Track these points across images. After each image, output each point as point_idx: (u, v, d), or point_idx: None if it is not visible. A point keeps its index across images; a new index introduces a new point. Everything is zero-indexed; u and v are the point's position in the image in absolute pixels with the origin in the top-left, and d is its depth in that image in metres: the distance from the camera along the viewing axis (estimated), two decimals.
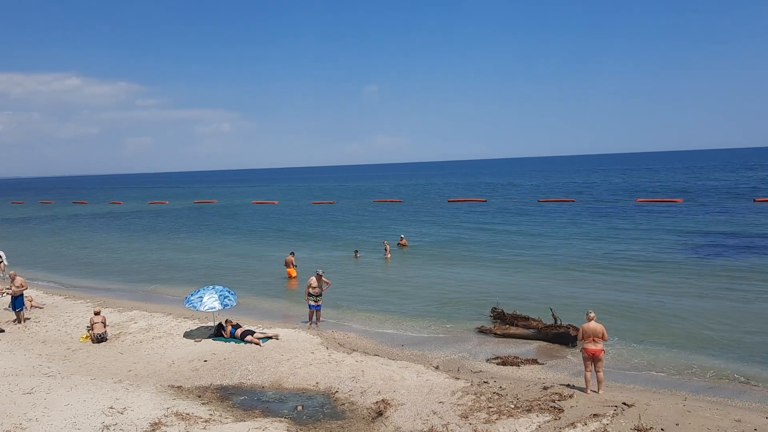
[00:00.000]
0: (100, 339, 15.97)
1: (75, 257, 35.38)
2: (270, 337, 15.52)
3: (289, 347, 14.79)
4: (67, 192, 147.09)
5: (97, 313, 16.33)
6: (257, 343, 15.04)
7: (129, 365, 14.04)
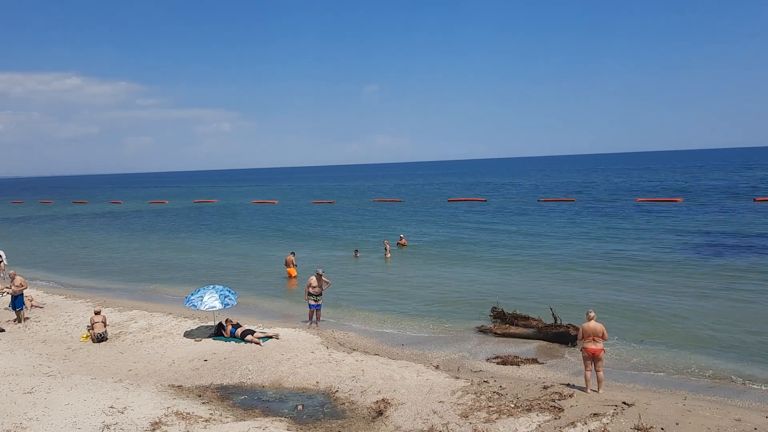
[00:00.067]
0: (100, 338, 15.98)
1: (75, 257, 35.41)
2: (270, 337, 15.53)
3: (290, 347, 14.79)
4: (67, 192, 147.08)
5: (98, 313, 16.34)
6: (257, 343, 15.05)
7: (129, 365, 14.05)
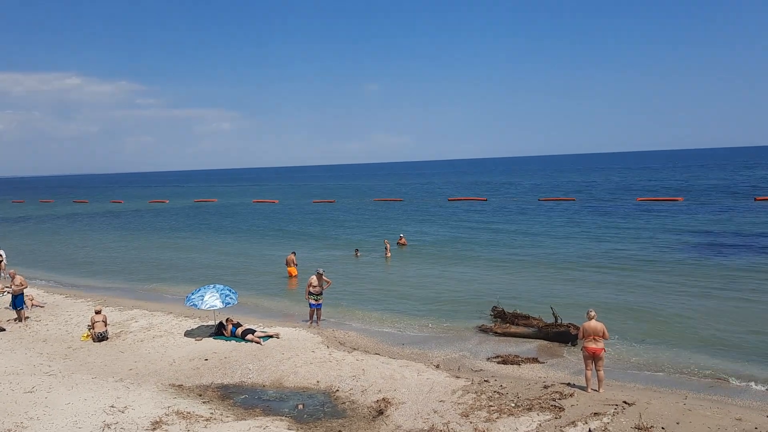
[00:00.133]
0: (100, 338, 15.99)
1: (75, 256, 35.41)
2: (271, 336, 15.53)
3: (290, 346, 14.80)
4: (68, 191, 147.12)
5: (98, 312, 16.34)
6: (258, 342, 15.06)
7: (130, 364, 14.06)
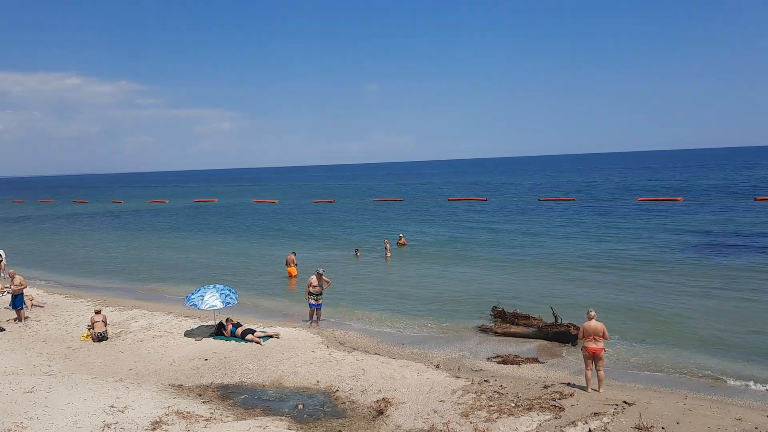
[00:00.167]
0: (100, 338, 15.98)
1: (75, 256, 35.40)
2: (270, 336, 15.53)
3: (290, 346, 14.79)
4: (68, 191, 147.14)
5: (98, 312, 16.34)
6: (258, 342, 15.05)
7: (130, 364, 14.06)
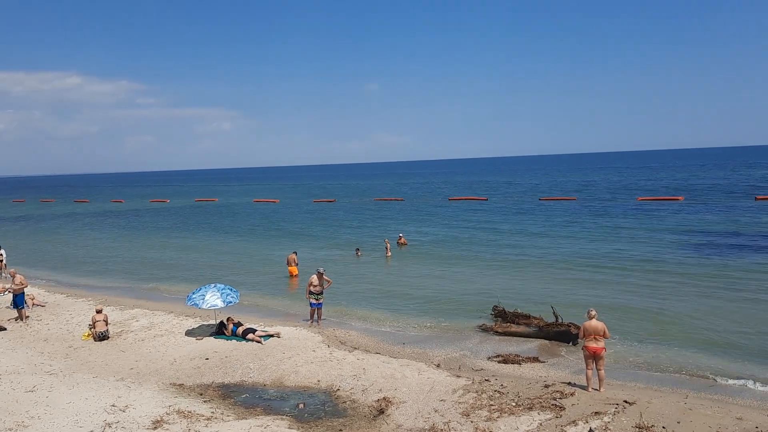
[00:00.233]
0: (101, 337, 16.01)
1: (76, 256, 35.44)
2: (271, 335, 15.55)
3: (291, 345, 14.81)
4: (68, 190, 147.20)
5: (99, 311, 16.37)
6: (259, 341, 15.07)
7: (131, 363, 14.08)
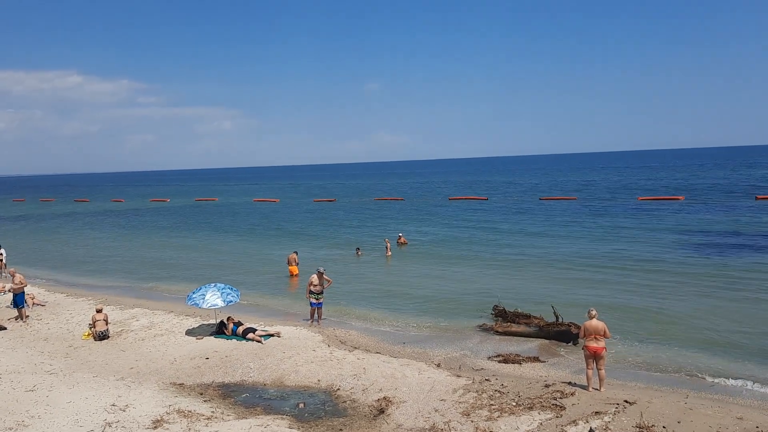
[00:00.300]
0: (102, 336, 16.00)
1: (76, 255, 35.44)
2: (272, 335, 15.54)
3: (291, 345, 14.80)
4: (69, 190, 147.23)
5: (99, 311, 16.37)
6: (259, 341, 15.06)
7: (131, 363, 14.07)
